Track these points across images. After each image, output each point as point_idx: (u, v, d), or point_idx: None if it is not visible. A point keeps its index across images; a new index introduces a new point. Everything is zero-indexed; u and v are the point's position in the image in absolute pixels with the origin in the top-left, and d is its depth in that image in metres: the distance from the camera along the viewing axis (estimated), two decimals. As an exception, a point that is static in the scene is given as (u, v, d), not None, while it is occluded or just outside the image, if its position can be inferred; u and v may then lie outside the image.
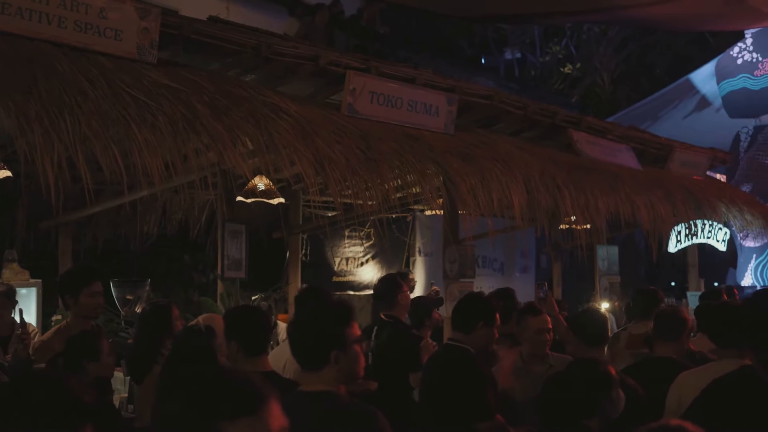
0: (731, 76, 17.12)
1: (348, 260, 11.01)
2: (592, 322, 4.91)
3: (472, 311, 4.74)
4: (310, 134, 5.78)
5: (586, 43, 23.52)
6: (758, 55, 16.89)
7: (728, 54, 17.43)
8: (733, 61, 17.23)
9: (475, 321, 4.67)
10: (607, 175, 8.64)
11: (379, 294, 6.34)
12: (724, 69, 17.34)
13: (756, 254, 16.80)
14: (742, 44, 17.17)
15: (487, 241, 10.30)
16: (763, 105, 16.95)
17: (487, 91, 8.39)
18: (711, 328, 4.23)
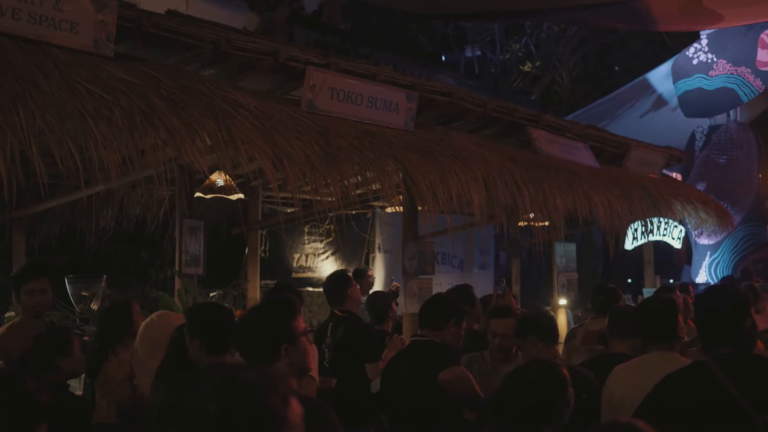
0: (687, 76, 17.35)
1: (307, 256, 10.99)
2: (549, 319, 4.98)
3: (445, 309, 4.80)
4: (269, 130, 5.75)
5: (546, 41, 23.69)
6: (713, 55, 17.15)
7: (684, 54, 17.67)
8: (688, 61, 17.47)
9: (446, 318, 4.72)
10: (565, 173, 8.72)
11: (327, 291, 6.33)
12: (680, 69, 17.57)
13: (710, 252, 17.07)
14: (697, 45, 17.41)
15: (446, 238, 10.33)
16: (718, 105, 17.21)
17: (446, 88, 8.42)
18: (639, 323, 4.30)
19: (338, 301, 6.15)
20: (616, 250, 10.14)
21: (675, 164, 13.76)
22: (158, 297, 7.08)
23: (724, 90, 17.01)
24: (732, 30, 16.59)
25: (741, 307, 3.38)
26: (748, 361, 3.29)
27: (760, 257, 16.95)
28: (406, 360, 4.80)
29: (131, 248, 10.05)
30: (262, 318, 2.93)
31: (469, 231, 10.78)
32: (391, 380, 4.86)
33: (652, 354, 4.13)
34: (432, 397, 4.51)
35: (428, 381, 4.51)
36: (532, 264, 11.41)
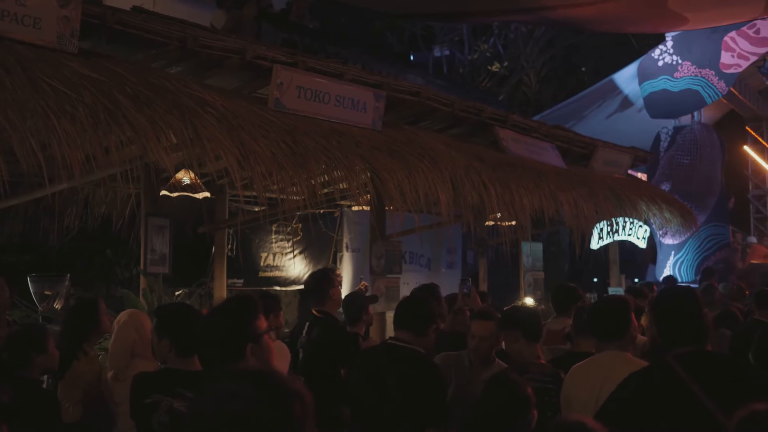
0: (652, 78, 17.54)
1: (275, 255, 10.93)
2: (534, 316, 4.95)
3: (428, 315, 4.70)
4: (235, 128, 5.72)
5: (514, 42, 23.82)
6: (678, 57, 17.35)
7: (650, 56, 17.86)
8: (654, 62, 17.66)
9: (429, 323, 4.66)
10: (531, 173, 8.77)
11: (309, 289, 6.29)
12: (645, 70, 17.75)
13: (674, 251, 17.28)
14: (663, 47, 17.60)
15: (414, 237, 10.36)
16: (682, 106, 17.42)
17: (414, 87, 8.44)
18: (594, 323, 4.34)
19: (318, 300, 6.10)
20: (582, 250, 10.21)
21: (640, 165, 13.91)
22: (123, 296, 7.02)
23: (689, 92, 17.22)
24: (696, 32, 16.81)
25: (699, 307, 3.45)
26: (708, 360, 3.34)
27: (722, 257, 17.19)
28: (386, 364, 4.62)
29: (96, 247, 9.94)
30: (226, 318, 2.91)
31: (436, 230, 10.80)
32: (366, 381, 4.70)
33: (603, 354, 4.17)
34: (404, 408, 4.44)
35: (407, 393, 4.43)
36: (499, 263, 11.47)
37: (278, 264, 10.98)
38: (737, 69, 17.04)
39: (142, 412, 3.50)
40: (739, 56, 16.92)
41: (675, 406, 3.22)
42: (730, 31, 16.71)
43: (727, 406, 3.03)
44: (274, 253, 10.88)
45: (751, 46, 16.80)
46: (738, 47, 16.88)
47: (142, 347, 4.99)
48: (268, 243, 10.84)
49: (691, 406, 3.14)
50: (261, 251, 10.85)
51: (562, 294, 6.81)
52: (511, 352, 4.93)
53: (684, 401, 3.17)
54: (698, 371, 3.22)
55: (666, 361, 3.33)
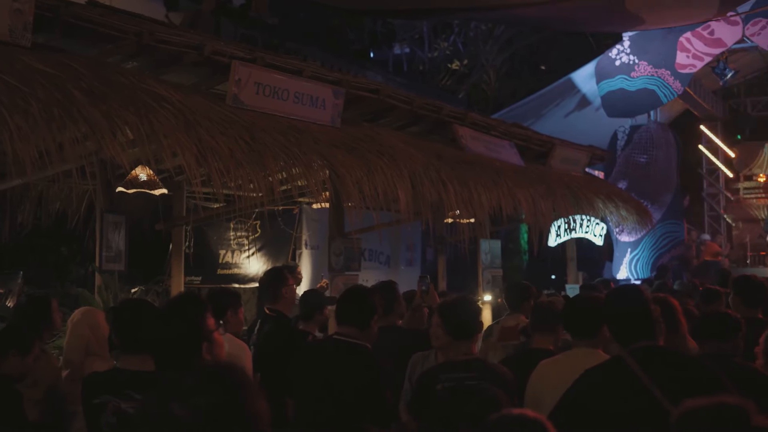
0: (610, 77, 17.72)
1: (233, 253, 10.87)
2: (460, 313, 4.67)
3: (369, 307, 4.66)
4: (193, 124, 5.67)
5: (474, 40, 23.92)
6: (635, 57, 17.56)
7: (607, 55, 18.04)
8: (611, 62, 17.85)
9: (370, 316, 4.64)
10: (490, 171, 8.82)
11: (263, 287, 6.26)
12: (603, 70, 17.94)
13: (631, 248, 17.51)
14: (620, 46, 17.80)
15: (373, 234, 10.36)
16: (639, 105, 17.64)
17: (374, 85, 8.43)
18: (568, 321, 4.42)
19: (271, 298, 6.07)
20: (540, 247, 10.30)
21: (597, 163, 14.06)
22: (78, 294, 6.93)
23: (645, 91, 17.44)
24: (653, 33, 17.03)
25: (648, 304, 3.53)
26: (660, 355, 3.42)
27: (677, 254, 17.46)
28: (329, 359, 4.60)
29: (50, 244, 9.81)
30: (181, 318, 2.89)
31: (395, 227, 10.82)
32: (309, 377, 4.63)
33: (576, 350, 4.23)
34: (348, 403, 4.42)
35: (350, 389, 4.41)
36: (458, 260, 11.53)
37: (236, 261, 10.92)
38: (692, 69, 17.31)
39: (91, 413, 3.46)
40: (694, 57, 17.18)
41: (628, 399, 3.28)
42: (686, 32, 16.96)
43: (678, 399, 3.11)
44: (232, 250, 10.82)
45: (705, 47, 17.07)
46: (693, 48, 17.13)
47: (98, 346, 4.93)
48: (226, 240, 10.78)
49: (644, 399, 3.21)
50: (219, 248, 10.78)
51: (515, 291, 6.87)
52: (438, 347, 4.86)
53: (637, 395, 3.24)
54: (650, 366, 3.29)
55: (620, 356, 3.40)
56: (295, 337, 5.88)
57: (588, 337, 4.22)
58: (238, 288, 10.44)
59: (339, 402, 4.40)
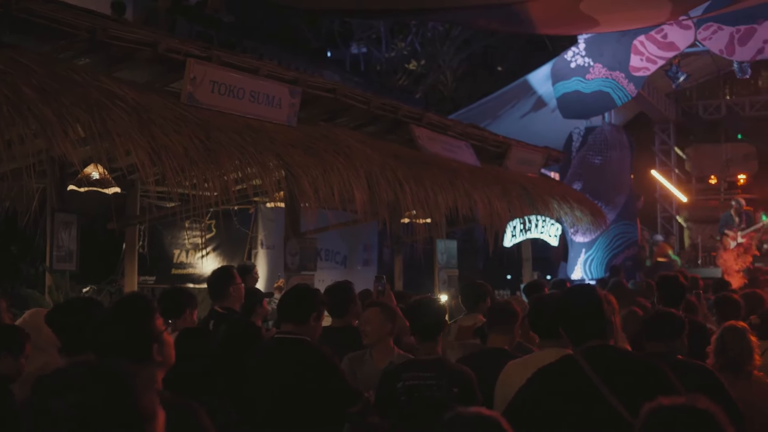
0: (565, 79, 17.87)
1: (188, 252, 10.77)
2: (425, 313, 4.78)
3: (308, 302, 4.66)
4: (146, 123, 5.60)
5: (431, 40, 24.01)
6: (590, 59, 17.74)
7: (563, 57, 18.20)
8: (567, 64, 18.01)
9: (309, 312, 4.64)
10: (446, 171, 8.85)
11: (211, 287, 6.23)
12: (559, 71, 18.09)
13: (585, 249, 17.68)
14: (575, 49, 17.97)
15: (329, 234, 10.34)
16: (594, 107, 17.82)
17: (330, 84, 8.42)
18: (535, 322, 4.42)
19: (220, 296, 6.04)
20: (496, 247, 10.35)
21: (553, 164, 14.20)
22: (28, 295, 6.80)
23: (600, 93, 17.62)
24: (607, 36, 17.23)
25: (601, 304, 3.56)
26: (611, 354, 3.46)
27: (631, 254, 17.69)
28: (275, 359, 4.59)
29: (0, 243, 9.61)
30: (130, 321, 2.84)
31: (352, 227, 10.81)
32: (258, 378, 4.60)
33: (545, 351, 4.23)
34: (302, 399, 4.42)
35: (300, 386, 4.41)
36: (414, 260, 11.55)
37: (191, 261, 10.82)
38: (646, 72, 17.54)
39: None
40: (648, 60, 17.42)
41: (579, 399, 3.32)
42: (639, 36, 17.18)
43: (627, 398, 3.15)
44: (187, 250, 10.72)
45: (658, 50, 17.31)
46: (647, 51, 17.36)
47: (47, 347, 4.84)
48: (181, 240, 10.68)
49: (595, 398, 3.25)
50: (174, 248, 10.67)
51: (471, 291, 6.90)
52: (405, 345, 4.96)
53: (587, 394, 3.28)
54: (601, 365, 3.32)
55: (571, 355, 3.43)
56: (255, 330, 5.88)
57: (556, 337, 4.23)
58: (192, 288, 10.34)
59: (291, 399, 4.40)
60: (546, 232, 12.72)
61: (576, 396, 3.34)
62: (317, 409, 4.40)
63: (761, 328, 6.17)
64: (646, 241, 19.49)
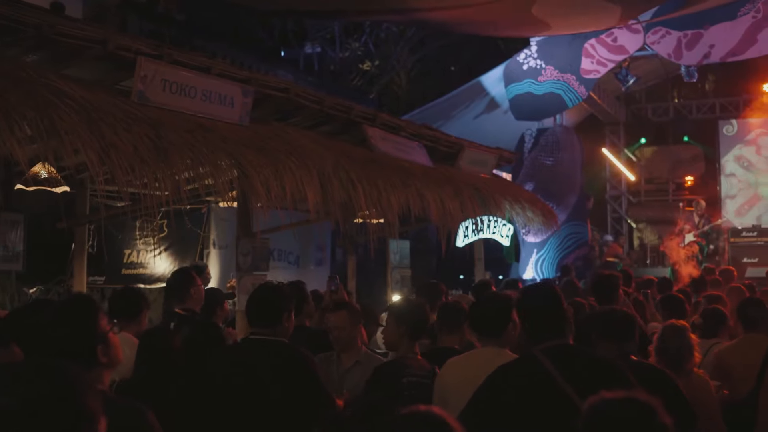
0: (518, 81, 18.07)
1: (139, 252, 10.65)
2: (413, 312, 4.94)
3: (278, 302, 4.64)
4: (96, 121, 5.52)
5: (385, 41, 24.05)
6: (542, 62, 17.95)
7: (515, 59, 18.39)
8: (519, 66, 18.20)
9: (281, 312, 4.62)
10: (399, 171, 8.86)
11: (171, 288, 6.18)
12: (511, 73, 18.27)
13: (537, 249, 17.88)
14: (528, 51, 18.17)
15: (282, 234, 10.31)
16: (546, 109, 18.04)
17: (283, 83, 8.37)
18: (475, 320, 4.47)
19: (180, 298, 6.00)
20: (448, 247, 10.40)
21: (505, 165, 14.30)
22: (-28, 295, 6.68)
23: (551, 95, 17.85)
24: (559, 38, 17.45)
25: (562, 303, 3.62)
26: (571, 353, 3.52)
27: (581, 254, 17.93)
28: (253, 359, 4.52)
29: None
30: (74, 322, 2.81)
31: (305, 227, 10.79)
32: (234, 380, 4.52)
33: (483, 349, 4.28)
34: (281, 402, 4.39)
35: (283, 386, 4.38)
36: (367, 260, 11.57)
37: (142, 261, 10.71)
38: (596, 75, 17.80)
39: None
40: (598, 63, 17.68)
41: (541, 397, 3.36)
42: (590, 39, 17.44)
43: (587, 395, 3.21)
44: (138, 250, 10.61)
45: (608, 53, 17.58)
46: (597, 54, 17.62)
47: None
48: (131, 239, 10.56)
49: (556, 395, 3.29)
50: (124, 248, 10.55)
51: (427, 291, 6.94)
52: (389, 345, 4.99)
53: (549, 391, 3.32)
54: (562, 363, 3.37)
55: (533, 353, 3.47)
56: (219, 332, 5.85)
57: (495, 336, 4.28)
58: (144, 288, 10.24)
59: (270, 402, 4.37)
60: (498, 233, 12.82)
61: (538, 395, 3.38)
62: (292, 411, 4.38)
63: (704, 328, 6.33)
64: (596, 242, 19.77)
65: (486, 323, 4.33)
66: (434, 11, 13.23)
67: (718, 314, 6.48)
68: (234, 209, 8.77)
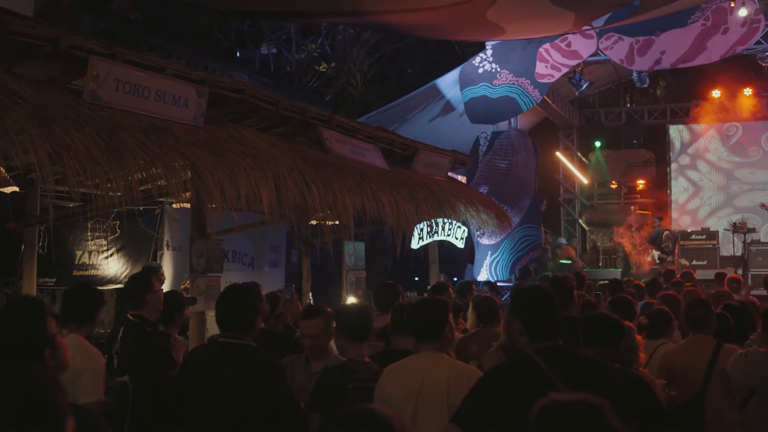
0: (473, 84, 18.19)
1: (91, 254, 10.52)
2: (356, 315, 4.91)
3: (251, 307, 4.63)
4: (46, 120, 5.46)
5: (341, 43, 24.04)
6: (497, 66, 18.10)
7: (471, 63, 18.51)
8: (475, 69, 18.33)
9: (255, 317, 4.60)
10: (354, 173, 8.88)
11: (126, 292, 6.10)
12: (467, 77, 18.40)
13: (491, 251, 18.02)
14: (483, 55, 18.31)
15: (237, 236, 10.26)
16: (500, 112, 18.19)
17: (238, 84, 8.35)
18: (411, 324, 4.45)
19: (135, 304, 5.92)
20: (403, 249, 10.44)
21: (460, 167, 14.39)
22: None
23: (506, 99, 18.02)
24: (514, 43, 17.62)
25: (556, 304, 3.66)
26: (562, 353, 3.56)
27: (535, 257, 18.11)
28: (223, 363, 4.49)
29: None
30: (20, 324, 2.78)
31: (260, 229, 10.74)
32: (203, 383, 4.52)
33: (421, 354, 4.29)
34: (248, 406, 4.37)
35: (249, 391, 4.37)
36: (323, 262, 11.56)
37: (94, 262, 10.58)
38: (550, 79, 18.02)
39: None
40: (552, 67, 17.89)
41: (536, 396, 3.39)
42: (545, 44, 17.64)
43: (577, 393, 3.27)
44: (89, 251, 10.48)
45: (563, 58, 17.80)
46: (551, 59, 17.83)
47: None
48: (83, 241, 10.43)
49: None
50: (76, 249, 10.42)
51: (384, 292, 6.95)
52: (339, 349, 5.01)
53: (544, 391, 3.35)
54: (556, 363, 3.42)
55: (527, 354, 3.50)
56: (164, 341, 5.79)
57: (433, 339, 4.30)
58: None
59: (238, 406, 4.35)
60: (453, 235, 12.89)
61: (533, 393, 3.41)
62: (257, 417, 4.36)
63: (649, 328, 6.46)
64: (550, 244, 19.99)
65: (424, 328, 4.33)
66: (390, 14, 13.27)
67: (663, 315, 6.61)
68: (188, 210, 8.72)
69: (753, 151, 22.18)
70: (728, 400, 5.59)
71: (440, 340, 4.28)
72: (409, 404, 4.07)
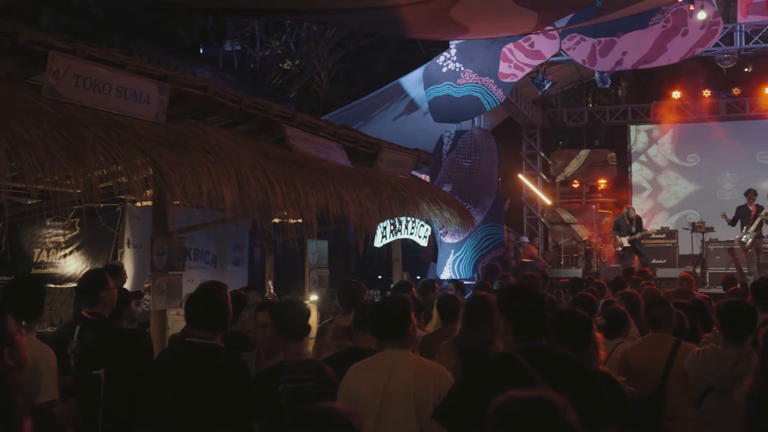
0: (437, 83, 18.24)
1: (49, 251, 10.39)
2: (293, 314, 4.85)
3: (223, 307, 4.61)
4: (4, 116, 5.38)
5: (306, 40, 23.96)
6: (461, 65, 18.17)
7: (435, 62, 18.56)
8: (439, 68, 18.38)
9: (226, 317, 4.57)
10: (318, 171, 8.86)
11: (80, 290, 6.03)
12: (431, 76, 18.44)
13: (454, 250, 18.09)
14: (447, 54, 18.36)
15: (199, 234, 10.19)
16: (464, 111, 18.27)
17: (201, 81, 8.28)
18: (374, 323, 4.47)
19: (89, 301, 5.86)
20: (367, 248, 10.43)
21: (423, 166, 14.42)
22: None
23: (470, 98, 18.09)
24: (478, 42, 17.71)
25: (542, 304, 3.69)
26: (544, 352, 3.60)
27: (497, 255, 18.21)
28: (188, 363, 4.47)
29: None
30: None
31: (223, 227, 10.67)
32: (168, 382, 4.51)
33: (385, 353, 4.30)
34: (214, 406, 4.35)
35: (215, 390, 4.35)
36: (286, 260, 11.52)
37: (53, 260, 10.45)
38: (514, 79, 18.13)
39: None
40: (516, 67, 18.01)
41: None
42: (508, 43, 17.75)
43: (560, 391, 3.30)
44: (48, 248, 10.34)
45: (526, 58, 17.92)
46: (515, 58, 17.95)
47: None
48: (41, 238, 10.29)
49: None
50: (33, 246, 10.28)
51: (348, 290, 6.96)
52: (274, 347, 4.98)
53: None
54: (538, 362, 3.46)
55: (510, 353, 3.53)
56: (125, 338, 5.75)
57: (396, 339, 4.31)
58: (54, 288, 9.99)
59: (203, 406, 4.32)
60: (416, 233, 12.91)
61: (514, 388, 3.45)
62: (222, 416, 4.34)
63: (607, 328, 6.54)
64: (512, 243, 20.11)
65: (387, 326, 4.34)
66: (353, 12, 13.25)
67: (619, 315, 6.70)
68: (149, 208, 8.64)
69: (711, 150, 22.53)
70: (686, 397, 5.67)
71: (403, 338, 4.30)
72: (376, 401, 4.08)
